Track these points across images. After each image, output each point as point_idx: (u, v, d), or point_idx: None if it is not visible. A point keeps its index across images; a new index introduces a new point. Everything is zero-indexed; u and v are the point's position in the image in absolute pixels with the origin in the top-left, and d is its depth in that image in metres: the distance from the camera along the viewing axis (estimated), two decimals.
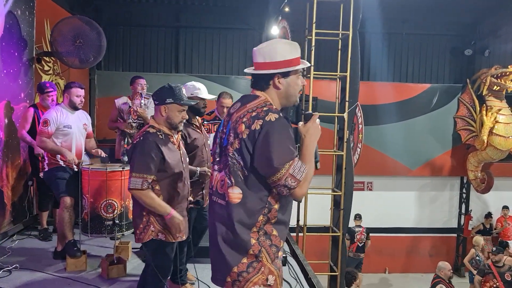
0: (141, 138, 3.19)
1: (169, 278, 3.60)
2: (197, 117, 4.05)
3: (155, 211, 3.15)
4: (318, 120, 2.27)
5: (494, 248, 8.23)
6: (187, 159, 3.49)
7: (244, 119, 2.16)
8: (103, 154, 4.90)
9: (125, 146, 5.25)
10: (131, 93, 6.00)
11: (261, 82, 2.26)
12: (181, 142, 3.46)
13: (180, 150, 3.34)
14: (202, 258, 4.34)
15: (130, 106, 5.72)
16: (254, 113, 2.15)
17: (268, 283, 2.18)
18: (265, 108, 2.15)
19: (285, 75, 2.23)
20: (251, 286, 2.16)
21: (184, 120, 3.32)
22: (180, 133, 3.45)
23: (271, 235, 2.19)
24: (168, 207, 3.14)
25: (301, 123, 2.26)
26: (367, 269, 10.67)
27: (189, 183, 3.42)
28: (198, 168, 3.87)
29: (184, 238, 3.31)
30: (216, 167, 2.30)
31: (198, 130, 4.00)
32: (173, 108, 3.21)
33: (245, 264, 2.16)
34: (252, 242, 2.15)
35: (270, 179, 2.11)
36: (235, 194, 2.16)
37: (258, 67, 2.25)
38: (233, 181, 2.17)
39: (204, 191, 4.00)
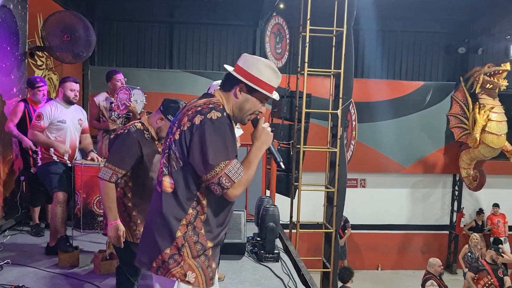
0: (125, 131, 3.17)
1: None
2: None
3: (104, 209, 3.16)
4: (266, 124, 2.29)
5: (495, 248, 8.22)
6: None
7: (189, 112, 2.18)
8: (99, 160, 4.84)
9: None
10: (109, 89, 5.96)
11: (228, 83, 2.28)
12: None
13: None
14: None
15: (111, 103, 5.69)
16: (199, 108, 2.16)
17: (187, 279, 2.18)
18: (210, 106, 2.16)
19: (250, 90, 2.24)
20: (170, 277, 2.18)
21: None
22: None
23: (199, 232, 2.20)
24: (116, 216, 3.11)
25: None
26: (359, 266, 10.73)
27: None
28: None
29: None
30: (162, 155, 2.34)
31: None
32: (166, 124, 3.17)
33: (167, 254, 2.17)
34: (177, 235, 2.17)
35: (203, 176, 2.12)
36: (168, 183, 2.20)
37: (235, 69, 2.28)
38: (167, 170, 2.21)
39: None
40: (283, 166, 2.46)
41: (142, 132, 3.17)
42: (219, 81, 3.91)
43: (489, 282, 7.57)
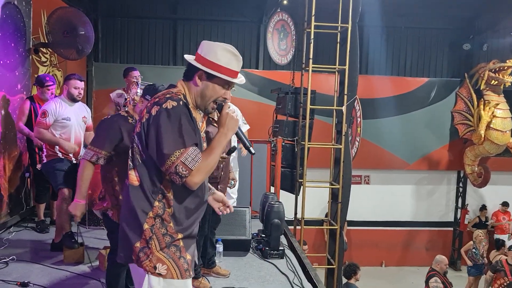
0: (108, 117, 3.40)
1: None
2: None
3: (78, 186, 3.36)
4: (231, 109, 2.24)
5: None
6: None
7: (149, 104, 2.18)
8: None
9: None
10: (126, 86, 5.97)
11: (188, 71, 2.28)
12: None
13: None
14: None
15: (126, 99, 5.69)
16: (157, 99, 2.16)
17: (158, 271, 2.15)
18: (167, 96, 2.15)
19: (210, 77, 2.21)
20: (142, 270, 2.17)
21: None
22: None
23: (167, 225, 2.18)
24: (83, 196, 3.35)
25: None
26: (363, 262, 10.72)
27: None
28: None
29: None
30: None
31: (214, 124, 3.98)
32: (143, 102, 3.30)
33: (138, 248, 2.16)
34: (144, 227, 2.15)
35: (162, 168, 2.10)
36: (134, 176, 2.20)
37: (195, 57, 2.26)
38: (133, 164, 2.21)
39: (220, 186, 4.05)
40: (253, 151, 2.42)
41: (125, 118, 3.34)
42: None
43: (505, 284, 7.55)
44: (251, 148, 2.40)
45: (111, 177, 3.32)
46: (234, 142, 5.40)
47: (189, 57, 2.28)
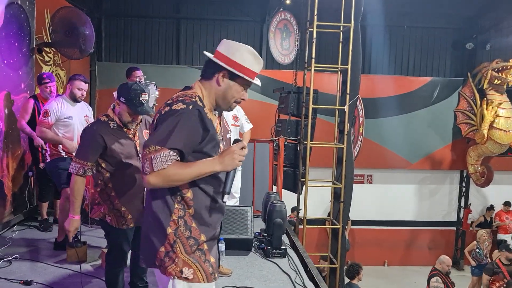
0: (88, 125, 3.34)
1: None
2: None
3: (71, 202, 3.28)
4: (244, 151, 2.14)
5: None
6: None
7: (161, 107, 2.16)
8: None
9: None
10: None
11: (209, 70, 2.23)
12: (144, 131, 3.43)
13: (136, 141, 3.33)
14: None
15: None
16: (169, 101, 2.14)
17: (184, 275, 2.13)
18: (180, 98, 2.11)
19: (232, 77, 2.18)
20: (167, 275, 2.15)
21: (136, 123, 3.27)
22: (138, 125, 3.39)
23: (191, 226, 2.15)
24: (77, 212, 3.27)
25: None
26: (366, 261, 10.72)
27: None
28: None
29: (132, 225, 3.31)
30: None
31: None
32: (124, 107, 3.21)
33: (163, 252, 2.14)
34: (168, 232, 2.13)
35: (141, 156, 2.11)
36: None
37: (215, 55, 2.22)
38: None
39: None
40: (225, 200, 2.24)
41: (106, 124, 3.24)
42: None
43: (504, 285, 7.50)
44: (226, 196, 2.23)
45: (104, 183, 3.28)
46: (237, 135, 5.41)
47: (209, 55, 2.25)
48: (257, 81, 2.25)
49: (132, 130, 3.34)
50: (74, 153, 4.66)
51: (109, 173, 3.25)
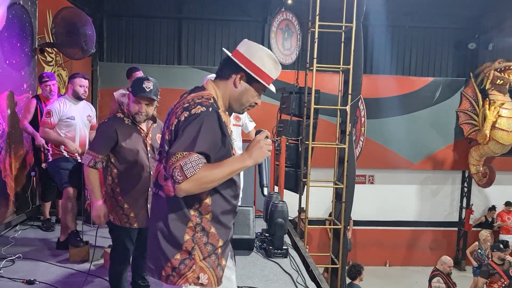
0: (105, 120, 3.42)
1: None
2: None
3: (90, 191, 3.34)
4: (268, 141, 2.10)
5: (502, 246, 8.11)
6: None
7: (177, 110, 2.07)
8: None
9: None
10: (129, 85, 5.98)
11: (226, 69, 2.16)
12: (158, 135, 3.44)
13: (147, 141, 3.37)
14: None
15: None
16: (186, 105, 2.05)
17: (200, 281, 2.09)
18: (197, 101, 2.04)
19: (250, 80, 2.13)
20: (182, 283, 2.09)
21: (143, 114, 3.31)
22: (154, 123, 3.46)
23: (208, 232, 2.10)
24: (98, 197, 3.29)
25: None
26: (367, 261, 10.71)
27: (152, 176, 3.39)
28: None
29: (135, 225, 3.34)
30: (158, 157, 2.25)
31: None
32: (131, 97, 3.31)
33: (178, 260, 2.08)
34: (185, 238, 2.07)
35: (166, 168, 2.02)
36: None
37: (235, 54, 2.15)
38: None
39: None
40: (265, 193, 2.25)
41: (121, 119, 3.34)
42: (213, 75, 3.92)
43: (503, 285, 7.48)
44: (265, 188, 2.24)
45: (112, 178, 3.32)
46: (238, 135, 5.42)
47: (229, 52, 2.18)
48: (272, 88, 2.21)
49: (145, 129, 3.39)
50: (76, 154, 4.70)
51: (116, 169, 3.29)
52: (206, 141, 1.99)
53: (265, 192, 2.24)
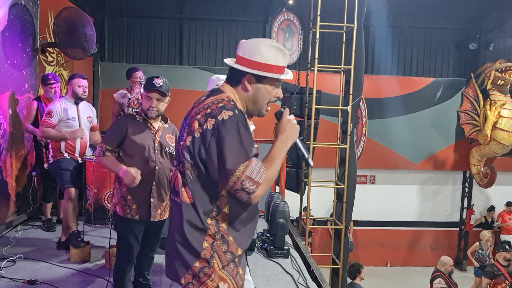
0: (119, 117, 3.68)
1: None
2: None
3: (112, 172, 3.48)
4: (291, 116, 2.07)
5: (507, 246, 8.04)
6: (167, 149, 3.52)
7: (199, 116, 1.99)
8: None
9: None
10: (129, 86, 5.99)
11: (233, 77, 2.08)
12: (168, 135, 3.55)
13: (156, 137, 3.48)
14: None
15: (129, 99, 5.72)
16: (208, 110, 1.97)
17: None
18: (220, 105, 1.96)
19: (259, 79, 2.04)
20: None
21: (154, 109, 3.42)
22: (165, 123, 3.58)
23: (228, 240, 2.04)
24: (119, 167, 3.36)
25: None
26: (368, 262, 10.72)
27: (159, 172, 3.47)
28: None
29: (137, 217, 3.40)
30: (175, 162, 2.17)
31: None
32: (143, 95, 3.48)
33: (197, 268, 2.02)
34: (204, 246, 2.01)
35: (226, 185, 1.94)
36: (186, 193, 2.04)
37: (237, 60, 2.07)
38: (185, 180, 2.04)
39: None
40: (311, 163, 2.24)
41: (133, 116, 3.51)
42: (219, 75, 3.94)
43: (508, 287, 7.39)
44: (309, 160, 2.21)
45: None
46: (251, 129, 5.40)
47: (230, 61, 2.10)
48: (288, 75, 2.10)
49: (156, 126, 3.51)
50: (76, 153, 4.70)
51: (123, 163, 3.40)
52: (251, 143, 1.96)
53: (311, 163, 2.24)
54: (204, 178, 2.01)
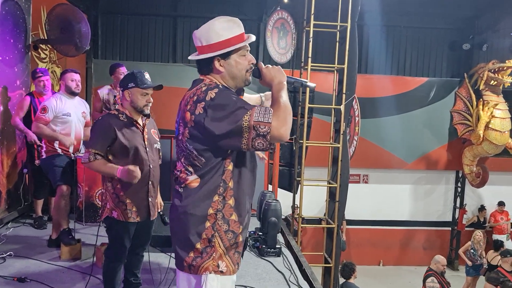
0: (100, 118, 3.45)
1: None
2: None
3: (107, 176, 3.32)
4: (268, 65, 2.18)
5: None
6: (156, 145, 3.52)
7: (188, 106, 2.07)
8: None
9: None
10: (113, 82, 5.96)
11: (203, 67, 2.18)
12: (152, 130, 3.53)
13: (144, 135, 3.43)
14: None
15: (115, 96, 5.71)
16: (195, 97, 2.06)
17: (220, 269, 2.11)
18: (203, 88, 2.06)
19: (225, 56, 2.12)
20: (203, 272, 2.11)
21: (150, 104, 3.41)
22: (148, 118, 3.51)
23: (229, 219, 2.12)
24: (114, 167, 3.26)
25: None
26: (361, 261, 10.74)
27: (153, 170, 3.44)
28: None
29: (138, 219, 3.36)
30: (177, 155, 2.24)
31: None
32: (135, 92, 3.34)
33: (199, 249, 2.10)
34: (206, 225, 2.09)
35: (243, 146, 1.99)
36: (194, 179, 2.11)
37: (198, 51, 2.16)
38: (191, 171, 2.11)
39: None
40: (312, 85, 2.35)
41: (116, 116, 3.38)
42: None
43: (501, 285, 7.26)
44: (308, 83, 2.33)
45: (111, 176, 3.33)
46: None
47: (194, 56, 2.20)
48: (250, 38, 2.18)
49: (141, 123, 3.43)
50: (70, 150, 4.69)
51: (116, 165, 3.30)
52: (246, 102, 2.01)
53: (311, 85, 2.35)
54: (211, 160, 2.08)
